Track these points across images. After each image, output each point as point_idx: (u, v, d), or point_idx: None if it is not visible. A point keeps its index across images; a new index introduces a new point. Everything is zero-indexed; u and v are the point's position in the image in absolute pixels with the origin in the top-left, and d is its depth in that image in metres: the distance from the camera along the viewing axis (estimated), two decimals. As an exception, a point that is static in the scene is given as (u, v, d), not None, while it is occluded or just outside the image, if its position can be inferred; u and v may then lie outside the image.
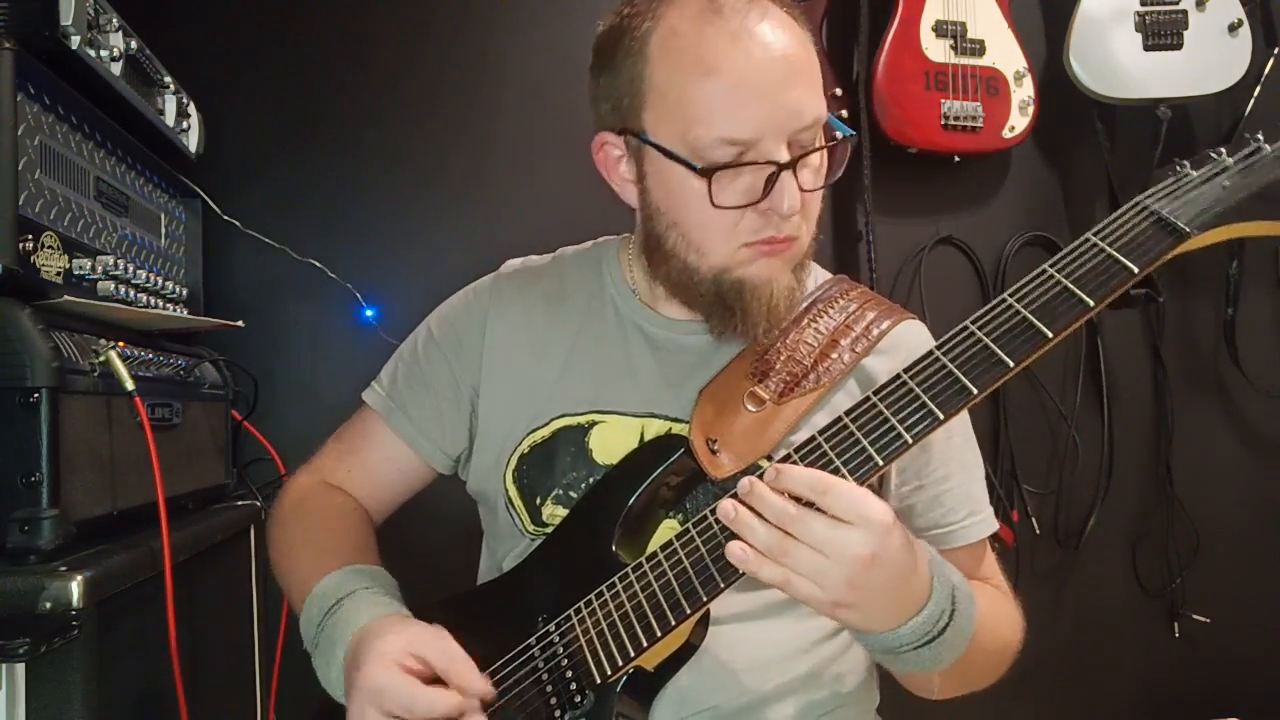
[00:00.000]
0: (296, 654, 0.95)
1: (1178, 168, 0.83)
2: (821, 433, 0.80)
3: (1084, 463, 1.95)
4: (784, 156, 0.87)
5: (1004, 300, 0.78)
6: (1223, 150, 0.82)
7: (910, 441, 0.77)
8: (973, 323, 0.79)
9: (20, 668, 0.86)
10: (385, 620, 0.87)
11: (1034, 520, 1.91)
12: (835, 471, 0.78)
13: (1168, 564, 1.97)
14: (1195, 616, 1.95)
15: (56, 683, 0.87)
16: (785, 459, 0.81)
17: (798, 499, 0.75)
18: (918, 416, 0.77)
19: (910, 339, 1.01)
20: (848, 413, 0.79)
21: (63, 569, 0.88)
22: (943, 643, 0.79)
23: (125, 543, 1.02)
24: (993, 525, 1.02)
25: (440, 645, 0.83)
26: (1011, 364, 0.76)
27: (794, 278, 0.94)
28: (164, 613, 1.02)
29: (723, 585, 0.80)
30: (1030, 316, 0.77)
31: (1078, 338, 2.00)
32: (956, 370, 0.77)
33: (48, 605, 0.86)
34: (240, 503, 1.46)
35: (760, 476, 0.77)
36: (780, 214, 0.87)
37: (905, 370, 0.79)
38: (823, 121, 0.91)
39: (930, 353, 0.79)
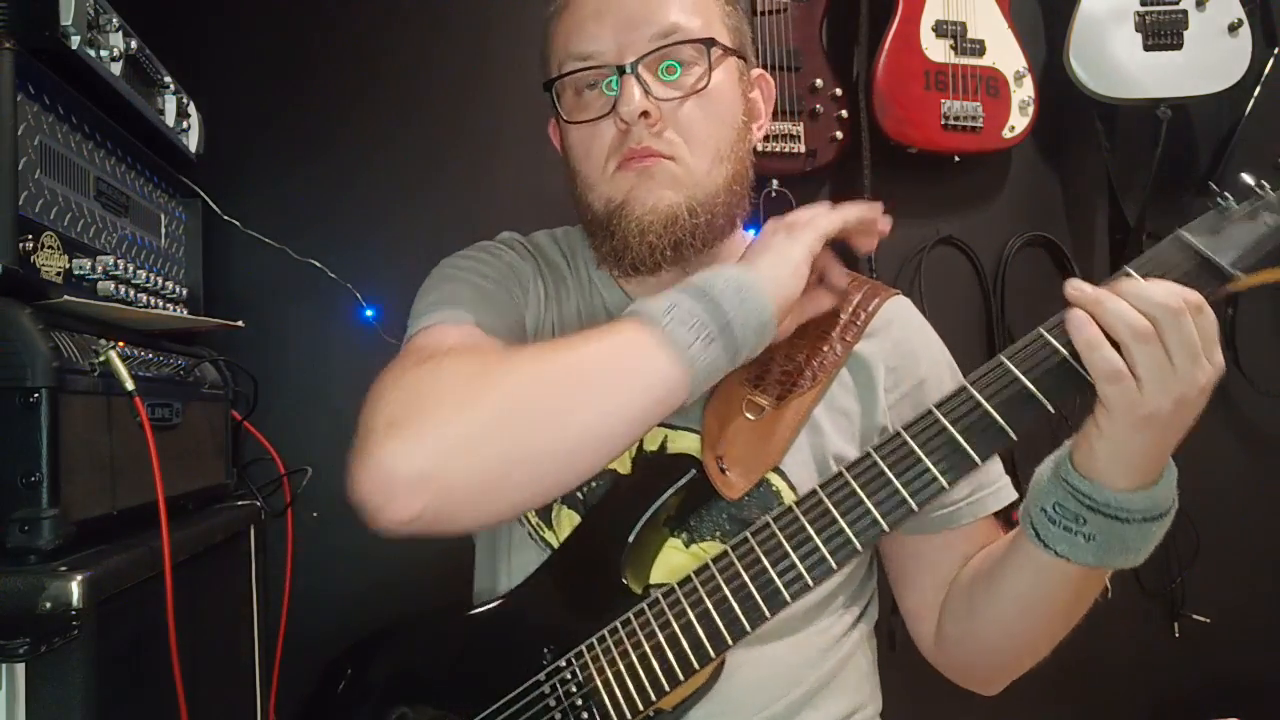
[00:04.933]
0: (297, 654, 0.95)
1: (1220, 200, 0.79)
2: (849, 468, 0.81)
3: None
4: (620, 62, 0.90)
5: (1039, 334, 0.77)
6: (1265, 184, 0.79)
7: (946, 485, 0.78)
8: (1007, 357, 0.78)
9: (20, 668, 0.86)
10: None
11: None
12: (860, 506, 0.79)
13: (1168, 564, 1.97)
14: (1195, 616, 1.96)
15: (56, 683, 0.87)
16: (810, 496, 0.81)
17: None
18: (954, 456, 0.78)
19: (898, 316, 1.01)
20: (876, 448, 0.80)
21: (63, 569, 0.88)
22: (1163, 523, 0.78)
23: (125, 543, 1.02)
24: (1013, 493, 1.00)
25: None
26: (1051, 409, 0.76)
27: (687, 205, 0.91)
28: (164, 613, 1.02)
29: (749, 627, 0.80)
30: (1064, 353, 0.76)
31: (1078, 338, 2.00)
32: (990, 408, 0.77)
33: (48, 605, 0.86)
34: (240, 503, 1.46)
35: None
36: (625, 118, 0.89)
37: (937, 407, 0.80)
38: (687, 34, 0.91)
39: (963, 387, 0.79)
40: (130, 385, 1.04)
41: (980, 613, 0.92)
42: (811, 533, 0.80)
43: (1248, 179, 0.79)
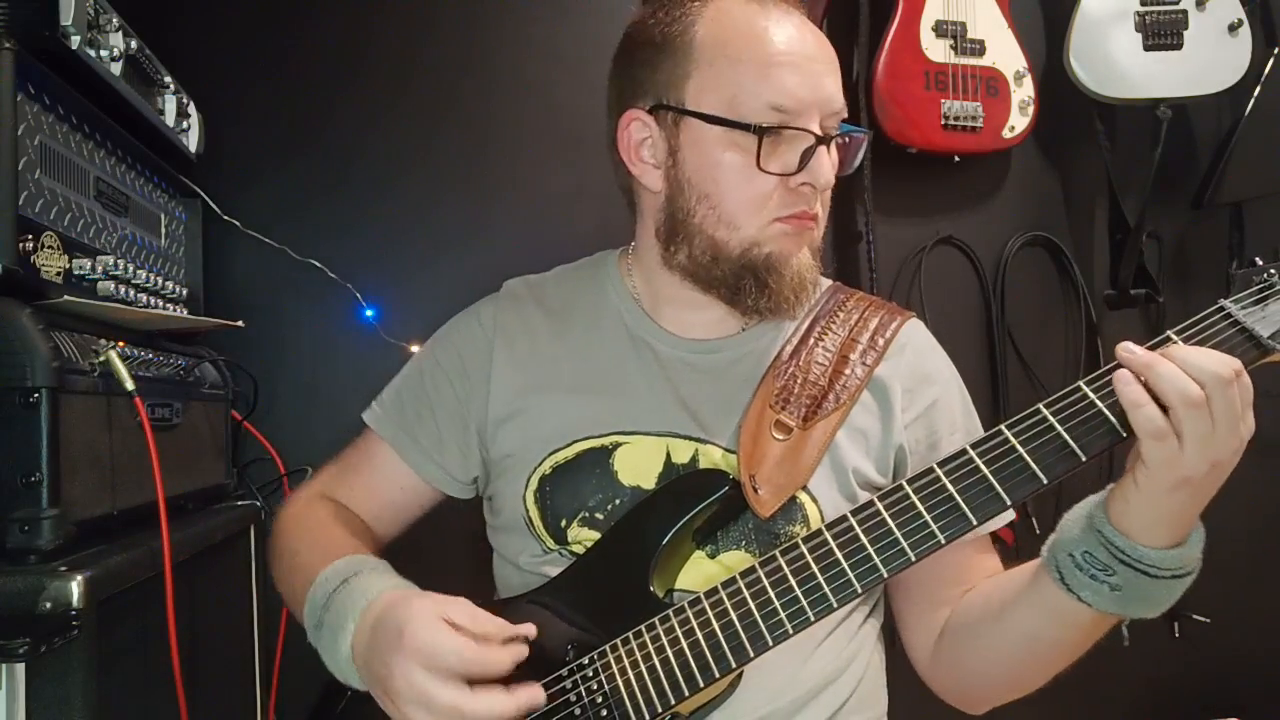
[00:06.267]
0: (297, 654, 0.95)
1: (1268, 274, 0.80)
2: (882, 498, 0.83)
3: (1084, 463, 1.95)
4: (820, 132, 0.92)
5: (1079, 389, 0.79)
6: None
7: (975, 523, 0.80)
8: (1046, 407, 0.80)
9: (20, 668, 0.86)
10: (399, 594, 0.86)
11: (1034, 520, 1.91)
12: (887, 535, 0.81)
13: (1168, 564, 1.97)
14: (1195, 616, 1.95)
15: (56, 683, 0.87)
16: (840, 521, 0.83)
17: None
18: (987, 496, 0.80)
19: (912, 339, 1.04)
20: (910, 481, 0.82)
21: (63, 569, 0.88)
22: (1186, 582, 0.79)
23: (125, 543, 1.02)
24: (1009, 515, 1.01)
25: (467, 610, 0.83)
26: (1084, 457, 0.78)
27: (815, 262, 0.99)
28: (164, 613, 1.02)
29: (771, 643, 0.82)
30: (1106, 412, 0.78)
31: (1078, 338, 2.00)
32: (1029, 458, 0.80)
33: (48, 605, 0.86)
34: (240, 503, 1.46)
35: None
36: (817, 185, 0.93)
37: (973, 446, 0.82)
38: (844, 116, 0.97)
39: (999, 431, 0.82)
40: (130, 385, 1.04)
41: (985, 640, 0.93)
42: (840, 557, 0.82)
43: None
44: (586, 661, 0.87)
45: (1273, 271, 0.80)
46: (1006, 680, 0.95)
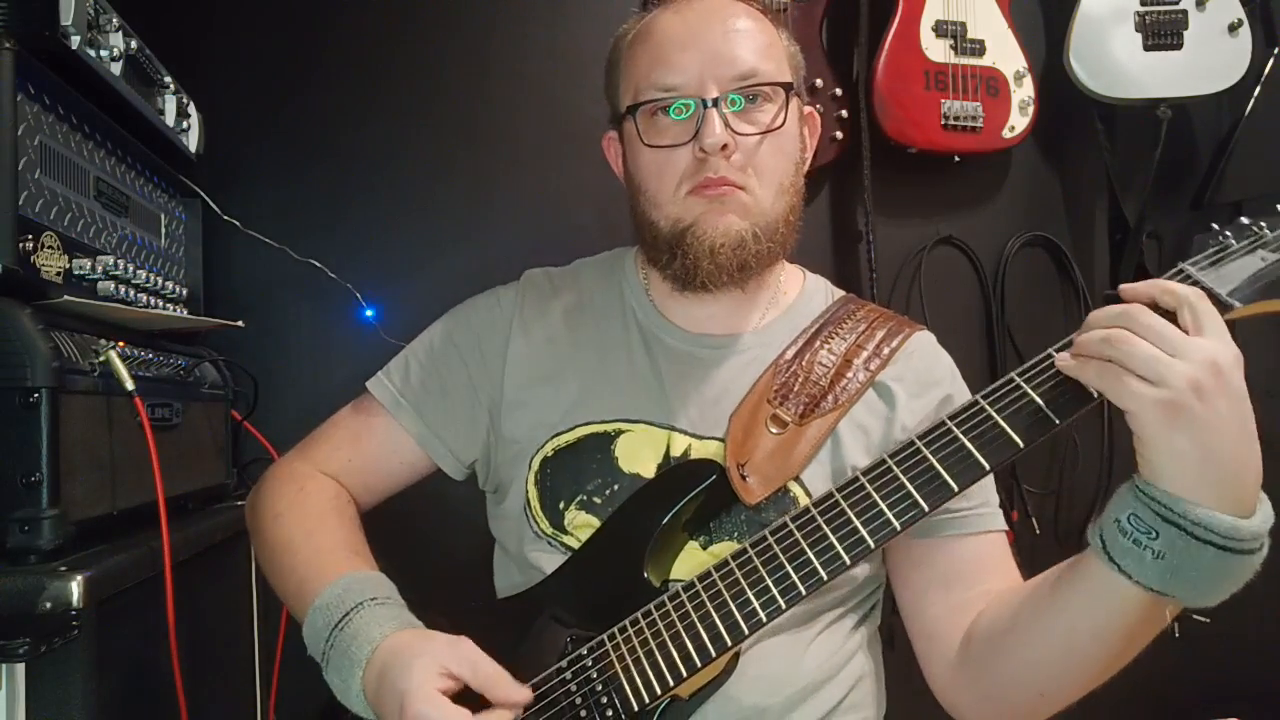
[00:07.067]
0: (296, 654, 0.95)
1: (1221, 237, 0.84)
2: (865, 473, 0.83)
3: (1084, 463, 1.95)
4: (713, 97, 0.95)
5: (1050, 356, 0.80)
6: (1263, 224, 0.83)
7: (956, 489, 0.80)
8: (1018, 375, 0.81)
9: (20, 668, 0.86)
10: (403, 641, 0.86)
11: (1034, 520, 1.91)
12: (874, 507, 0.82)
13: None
14: (1195, 616, 1.95)
15: (56, 683, 0.87)
16: (826, 498, 0.84)
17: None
18: (965, 464, 0.80)
19: (920, 348, 1.05)
20: (892, 455, 0.83)
21: (63, 569, 0.88)
22: (1243, 561, 0.73)
23: (125, 543, 1.02)
24: (1003, 521, 1.01)
25: (469, 660, 0.84)
26: (1058, 421, 0.79)
27: (752, 231, 0.97)
28: (164, 613, 1.02)
29: (765, 618, 0.82)
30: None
31: (1078, 338, 2.00)
32: (1003, 422, 0.80)
33: (48, 605, 0.86)
34: (240, 503, 1.46)
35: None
36: (704, 147, 0.93)
37: (950, 418, 0.82)
38: (766, 79, 0.97)
39: (975, 401, 0.82)
40: (130, 385, 1.04)
41: (1024, 637, 0.87)
42: (828, 531, 0.83)
43: (1245, 220, 0.84)
44: (585, 652, 0.88)
45: (1227, 234, 0.84)
46: (1044, 686, 0.88)
